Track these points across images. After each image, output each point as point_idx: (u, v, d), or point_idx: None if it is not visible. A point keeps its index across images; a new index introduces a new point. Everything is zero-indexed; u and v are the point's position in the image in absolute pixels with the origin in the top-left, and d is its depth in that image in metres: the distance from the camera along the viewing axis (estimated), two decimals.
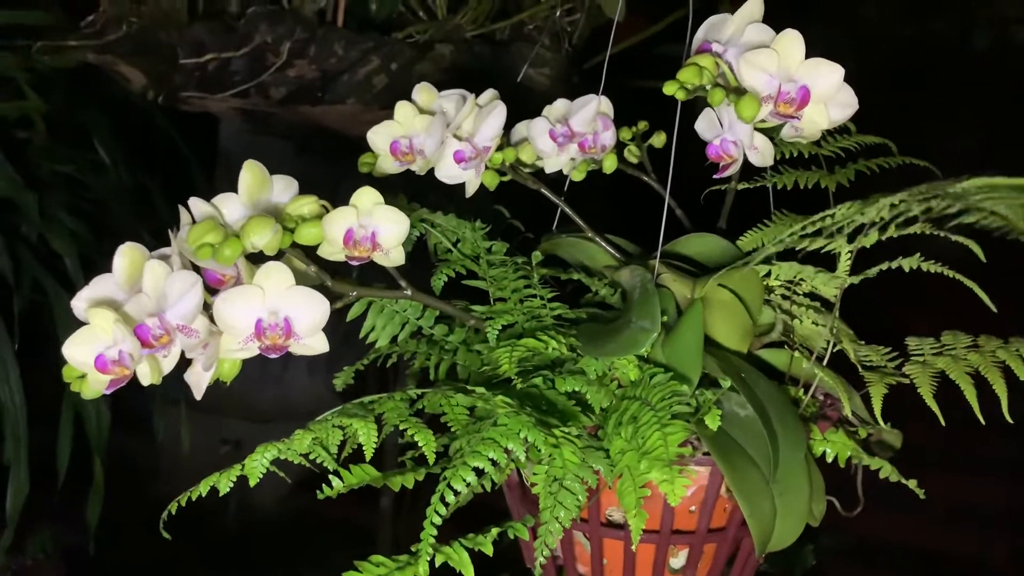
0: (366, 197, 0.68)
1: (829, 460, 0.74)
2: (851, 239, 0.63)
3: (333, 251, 0.68)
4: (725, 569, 0.78)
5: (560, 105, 0.88)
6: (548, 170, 0.88)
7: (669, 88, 0.67)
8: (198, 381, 0.67)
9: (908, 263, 0.64)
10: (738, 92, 0.67)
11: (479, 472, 0.60)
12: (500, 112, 0.80)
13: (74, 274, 1.38)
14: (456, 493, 0.59)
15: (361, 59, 1.27)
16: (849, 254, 0.64)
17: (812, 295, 0.74)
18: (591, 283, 0.81)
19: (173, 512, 0.68)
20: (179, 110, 1.44)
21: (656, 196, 0.92)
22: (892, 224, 0.60)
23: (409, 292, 0.73)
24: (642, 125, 0.93)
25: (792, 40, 0.66)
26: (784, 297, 0.75)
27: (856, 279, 0.66)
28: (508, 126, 0.83)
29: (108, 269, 0.65)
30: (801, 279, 0.70)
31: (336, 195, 0.71)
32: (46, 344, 1.34)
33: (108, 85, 1.48)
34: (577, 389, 0.67)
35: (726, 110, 0.69)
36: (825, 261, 0.75)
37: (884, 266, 0.64)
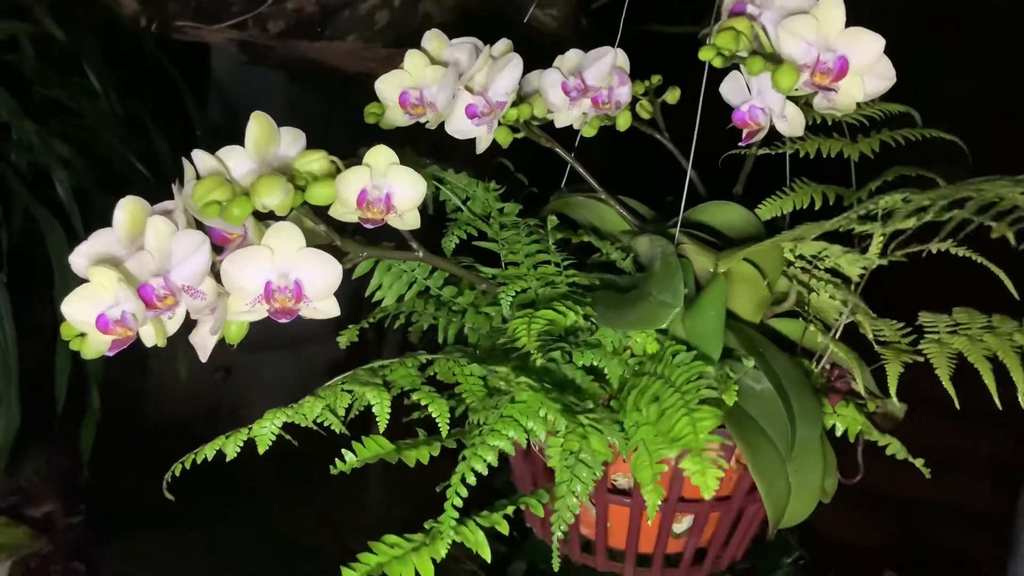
0: (380, 156, 0.62)
1: (839, 435, 0.70)
2: (884, 221, 0.58)
3: (345, 212, 0.62)
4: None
5: (573, 56, 0.82)
6: (559, 124, 0.82)
7: (706, 54, 0.60)
8: (203, 343, 0.61)
9: (941, 246, 0.60)
10: (775, 60, 0.61)
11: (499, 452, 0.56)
12: (516, 65, 0.73)
13: (67, 204, 1.31)
14: (477, 474, 0.54)
15: None
16: (882, 236, 0.59)
17: (831, 269, 0.69)
18: (604, 247, 0.76)
19: (177, 474, 0.63)
20: (171, 39, 1.35)
21: (667, 153, 0.87)
22: (931, 210, 0.55)
23: (421, 254, 0.68)
24: (655, 79, 0.87)
25: (833, 6, 0.60)
26: (803, 270, 0.71)
27: (884, 260, 0.62)
28: None
29: (101, 199, 0.59)
30: (825, 255, 0.66)
31: (331, 132, 0.64)
32: (41, 273, 1.27)
33: (99, 10, 1.38)
34: (596, 363, 0.62)
35: (757, 76, 0.63)
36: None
37: (915, 249, 0.60)
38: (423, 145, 0.80)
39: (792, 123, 0.65)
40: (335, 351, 0.75)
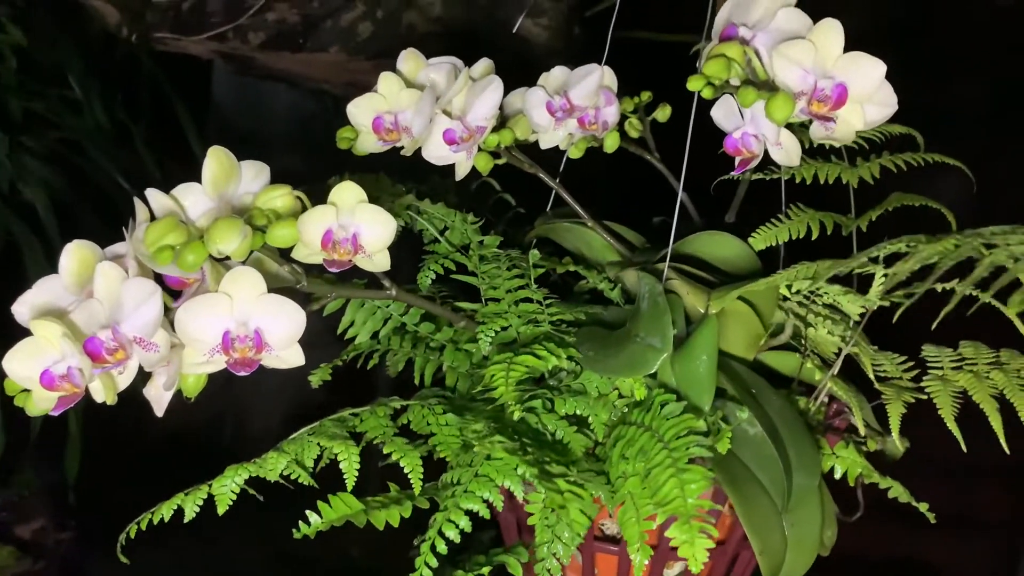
0: (347, 194, 0.57)
1: (837, 477, 0.65)
2: (888, 263, 0.53)
3: (309, 254, 0.57)
4: None
5: (559, 73, 0.76)
6: (543, 146, 0.77)
7: (694, 84, 0.55)
8: (159, 397, 0.56)
9: (947, 286, 0.54)
10: (769, 87, 0.56)
11: (472, 514, 0.51)
12: (496, 88, 0.68)
13: (46, 220, 1.25)
14: (448, 541, 0.49)
15: (345, 5, 1.13)
16: (883, 278, 0.54)
17: (829, 304, 0.64)
18: (590, 276, 0.71)
19: (143, 528, 0.59)
20: (170, 52, 1.29)
21: (656, 173, 0.81)
22: (938, 268, 0.49)
23: (394, 292, 0.62)
24: (645, 96, 0.81)
25: (830, 31, 0.55)
26: (799, 304, 0.65)
27: (887, 302, 0.56)
28: (503, 86, 0.71)
29: (83, 214, 0.54)
30: (823, 292, 0.60)
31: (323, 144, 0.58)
32: (18, 289, 1.22)
33: (89, 23, 1.32)
34: (579, 412, 0.57)
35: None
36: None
37: (919, 290, 0.54)
38: (401, 163, 0.75)
39: (788, 151, 0.60)
40: (335, 355, 0.70)
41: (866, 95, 0.55)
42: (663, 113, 0.82)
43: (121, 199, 1.31)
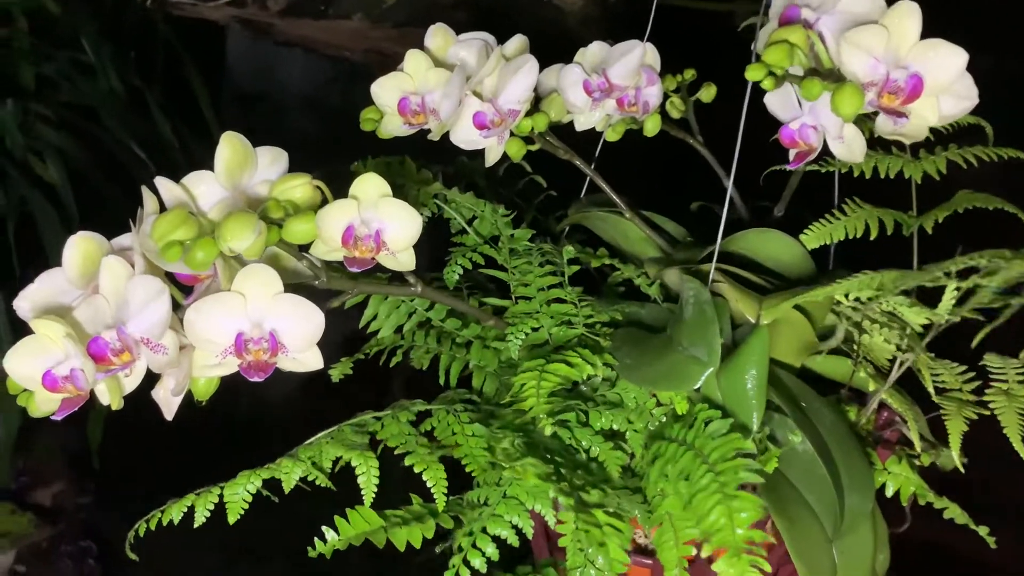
0: (370, 186, 0.53)
1: (889, 495, 0.61)
2: (961, 276, 0.48)
3: (329, 250, 0.53)
4: None
5: (596, 49, 0.71)
6: (579, 128, 0.72)
7: (754, 73, 0.50)
8: (168, 400, 0.53)
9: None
10: (833, 78, 0.51)
11: (498, 539, 0.47)
12: (531, 70, 0.63)
13: (61, 188, 1.22)
14: (472, 570, 0.46)
15: None
16: (956, 291, 0.49)
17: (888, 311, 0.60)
18: (626, 270, 0.67)
19: (150, 527, 0.56)
20: (185, 17, 1.24)
21: (694, 154, 0.77)
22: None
23: (419, 289, 0.58)
24: (688, 74, 0.76)
25: (907, 15, 0.49)
26: (853, 308, 0.61)
27: (956, 317, 0.52)
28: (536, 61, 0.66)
29: (97, 181, 0.50)
30: (883, 299, 0.56)
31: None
32: (36, 258, 1.20)
33: None
34: (615, 427, 0.53)
35: None
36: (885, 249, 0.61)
37: (996, 305, 0.50)
38: (427, 140, 0.70)
39: (851, 147, 0.55)
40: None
41: (943, 86, 0.50)
42: (707, 93, 0.77)
43: (135, 166, 1.28)
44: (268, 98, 1.43)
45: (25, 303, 0.52)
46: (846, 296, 0.57)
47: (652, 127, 0.72)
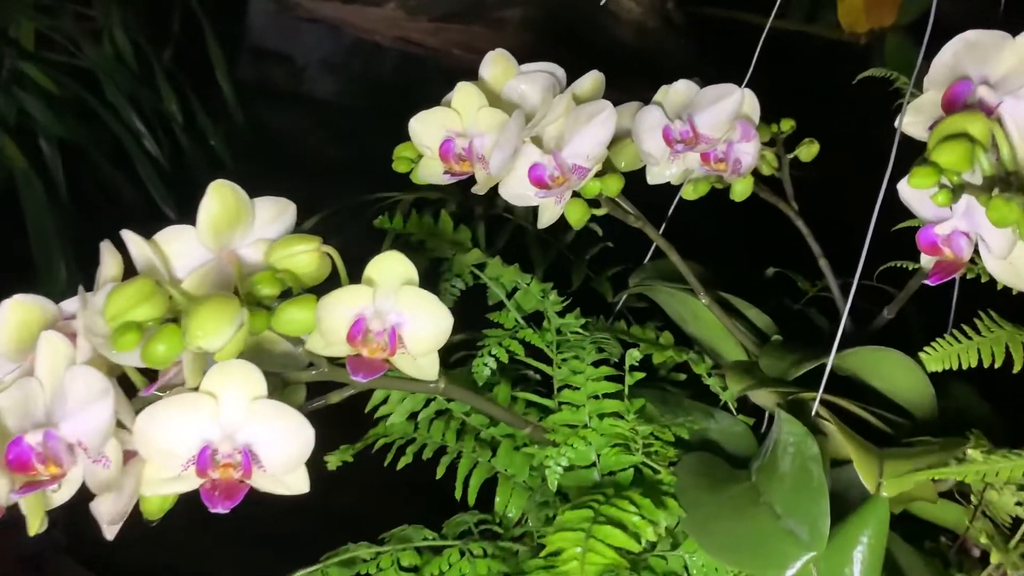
0: (391, 267, 0.41)
1: None
2: None
3: (327, 345, 0.42)
4: None
5: (682, 89, 0.60)
6: (651, 180, 0.61)
7: (920, 179, 0.37)
8: (109, 518, 0.42)
9: None
10: (1018, 186, 0.38)
11: None
12: (607, 120, 0.52)
13: (49, 157, 1.11)
14: None
15: None
16: None
17: None
18: (699, 368, 0.55)
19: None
20: None
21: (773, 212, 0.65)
22: None
23: (442, 386, 0.47)
24: (786, 125, 0.65)
25: None
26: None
27: None
28: (582, 71, 0.54)
29: (90, 152, 0.40)
30: None
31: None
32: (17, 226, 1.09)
33: None
34: None
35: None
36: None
37: None
38: None
39: (1018, 271, 0.43)
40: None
41: None
42: (808, 151, 0.65)
43: (132, 139, 1.17)
44: (282, 70, 1.31)
45: None
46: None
47: (742, 191, 0.60)
